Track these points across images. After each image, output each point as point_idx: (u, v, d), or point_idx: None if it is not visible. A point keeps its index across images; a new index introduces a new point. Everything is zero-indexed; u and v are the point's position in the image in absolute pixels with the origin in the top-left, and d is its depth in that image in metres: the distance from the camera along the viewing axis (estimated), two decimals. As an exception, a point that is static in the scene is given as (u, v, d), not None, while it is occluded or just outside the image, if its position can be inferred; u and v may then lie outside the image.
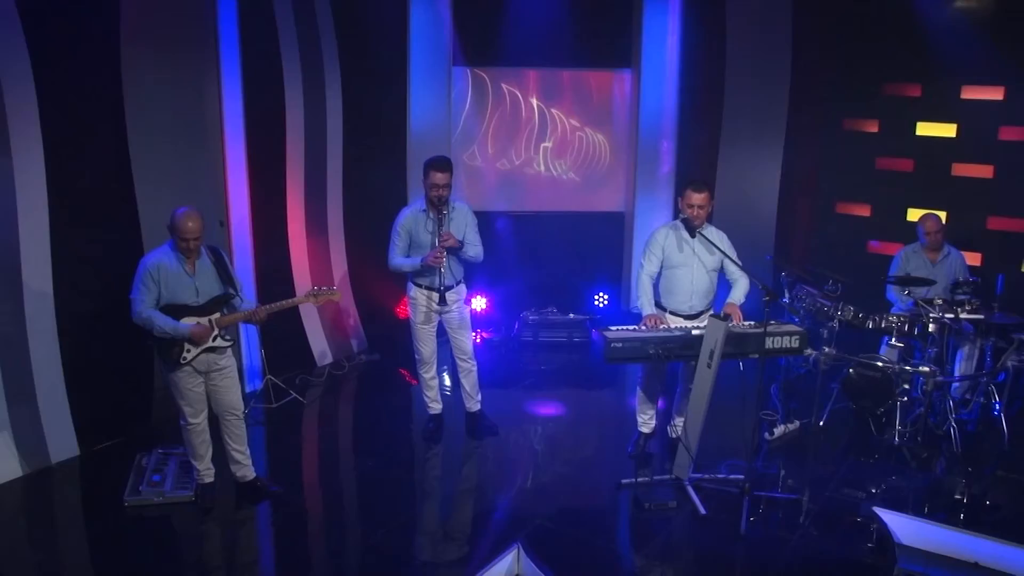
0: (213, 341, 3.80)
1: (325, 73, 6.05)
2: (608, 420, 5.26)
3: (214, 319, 3.79)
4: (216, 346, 3.83)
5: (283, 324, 5.58)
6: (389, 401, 5.58)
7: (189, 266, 3.73)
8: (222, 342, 3.85)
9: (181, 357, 3.75)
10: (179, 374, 3.80)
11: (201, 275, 3.78)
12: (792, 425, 4.99)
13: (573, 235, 7.20)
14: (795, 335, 4.07)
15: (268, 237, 5.66)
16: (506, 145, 7.19)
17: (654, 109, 7.08)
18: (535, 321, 6.74)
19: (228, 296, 3.85)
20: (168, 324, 3.67)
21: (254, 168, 5.42)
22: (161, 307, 3.70)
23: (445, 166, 4.32)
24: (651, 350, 3.95)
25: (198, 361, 3.81)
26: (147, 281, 3.65)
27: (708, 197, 4.21)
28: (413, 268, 4.42)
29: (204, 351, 3.80)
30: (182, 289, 3.72)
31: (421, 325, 4.61)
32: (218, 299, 3.82)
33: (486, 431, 4.89)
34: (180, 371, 3.81)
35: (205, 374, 3.87)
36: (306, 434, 5.21)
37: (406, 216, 4.43)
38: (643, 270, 4.36)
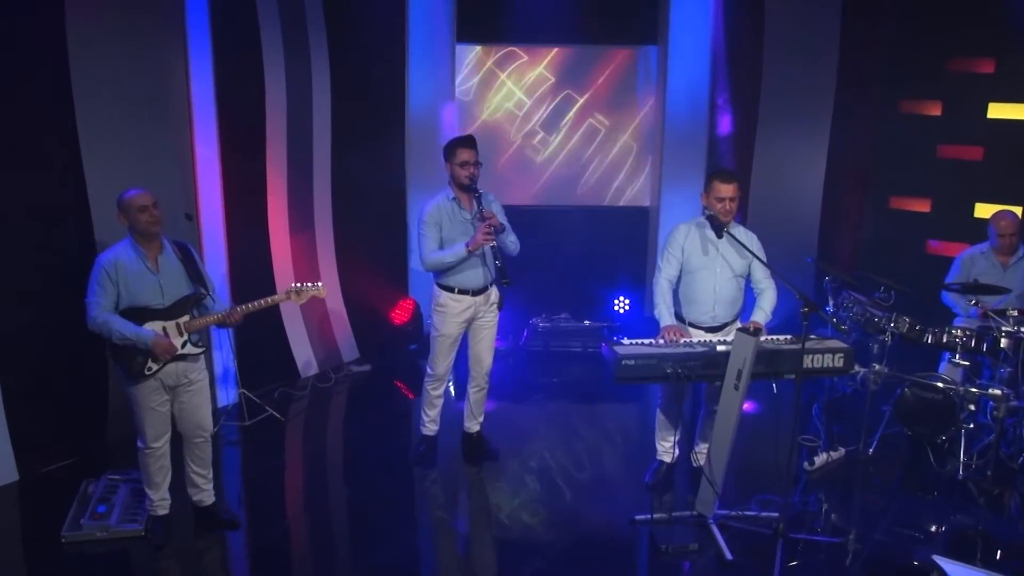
0: (183, 348, 3.63)
1: (311, 47, 5.88)
2: (625, 443, 5.11)
3: (182, 323, 3.63)
4: (187, 354, 3.66)
5: (262, 330, 5.47)
6: (380, 419, 5.44)
7: (152, 262, 3.57)
8: (192, 349, 3.67)
9: (146, 368, 3.57)
10: (142, 388, 3.61)
11: (166, 272, 3.62)
12: (836, 453, 4.77)
13: (591, 232, 7.09)
14: (839, 353, 3.78)
15: (245, 232, 5.52)
16: (518, 132, 7.14)
17: (683, 90, 6.95)
18: (546, 329, 6.65)
19: (198, 296, 3.69)
20: (128, 329, 3.49)
21: (228, 154, 5.27)
22: (122, 311, 3.53)
23: (472, 143, 4.26)
24: (668, 369, 3.69)
25: (166, 373, 3.63)
26: (103, 281, 3.49)
27: (738, 188, 4.00)
28: (457, 258, 4.22)
29: (172, 360, 3.63)
30: (144, 289, 3.56)
31: (446, 337, 4.45)
32: (186, 300, 3.66)
33: (485, 455, 4.75)
34: (144, 385, 3.61)
35: (173, 389, 3.70)
36: (282, 457, 5.02)
37: (434, 207, 4.28)
38: (660, 273, 4.17)
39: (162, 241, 3.64)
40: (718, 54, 6.79)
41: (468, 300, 4.40)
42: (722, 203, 3.98)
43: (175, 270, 3.66)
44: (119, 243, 3.62)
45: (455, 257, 4.25)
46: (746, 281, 4.20)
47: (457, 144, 4.26)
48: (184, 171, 5.00)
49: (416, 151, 6.71)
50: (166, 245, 3.66)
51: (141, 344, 3.52)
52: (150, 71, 4.74)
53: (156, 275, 3.59)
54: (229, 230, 5.36)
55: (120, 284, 3.51)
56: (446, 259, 4.27)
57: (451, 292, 4.39)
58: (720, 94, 6.88)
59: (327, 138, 6.13)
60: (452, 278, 4.36)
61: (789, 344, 3.82)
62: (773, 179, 6.81)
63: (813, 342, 3.81)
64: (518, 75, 7.06)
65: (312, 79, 5.92)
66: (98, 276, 3.51)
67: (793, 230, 6.53)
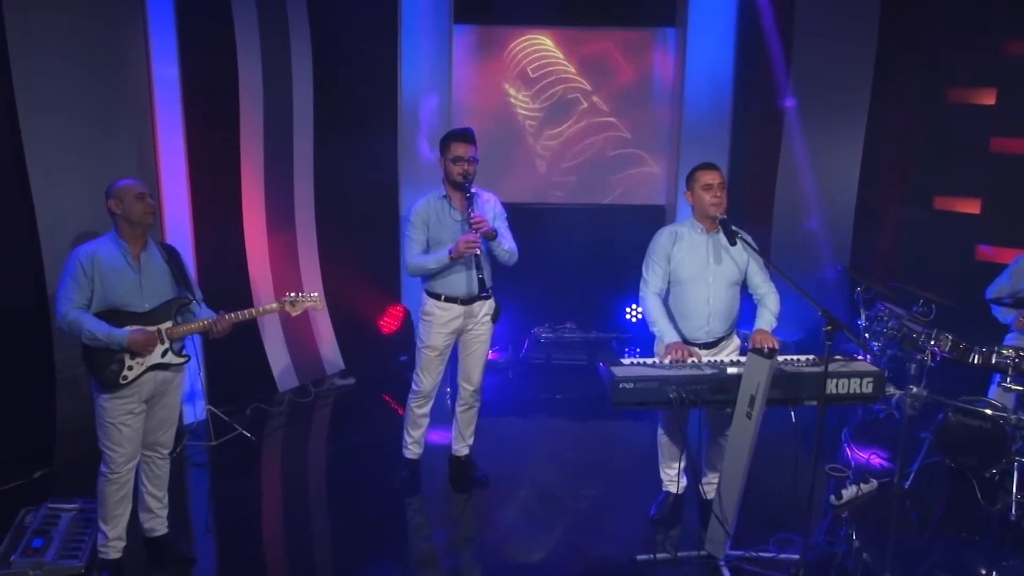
0: (163, 356, 3.56)
1: (290, 26, 5.79)
2: (632, 469, 4.94)
3: (164, 329, 3.56)
4: (168, 363, 3.59)
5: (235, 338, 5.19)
6: (363, 438, 5.35)
7: (134, 259, 3.52)
8: (175, 358, 3.61)
9: (121, 376, 3.47)
10: (114, 400, 3.50)
11: (149, 272, 3.55)
12: (867, 486, 4.63)
13: (599, 233, 7.04)
14: (868, 377, 3.60)
15: (215, 234, 5.45)
16: (519, 121, 7.07)
17: (703, 77, 6.86)
18: (548, 340, 6.60)
19: (183, 301, 3.64)
20: (100, 329, 3.41)
21: (195, 145, 5.19)
22: (97, 313, 3.47)
23: (469, 137, 4.19)
24: (672, 393, 3.55)
25: (143, 383, 3.54)
26: (78, 276, 3.43)
27: (724, 177, 3.93)
28: (440, 264, 4.17)
29: (152, 369, 3.54)
30: (123, 289, 3.49)
31: (432, 349, 4.38)
32: (170, 304, 3.60)
33: (473, 481, 4.67)
34: (117, 395, 3.51)
35: (149, 401, 3.61)
36: (249, 481, 4.88)
37: (421, 206, 4.25)
38: (646, 287, 4.04)
39: (148, 239, 3.59)
40: (743, 37, 6.73)
41: (457, 309, 4.33)
42: (710, 191, 3.86)
43: (159, 271, 3.60)
44: (101, 236, 3.57)
45: (438, 264, 4.19)
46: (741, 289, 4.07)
47: (451, 138, 4.19)
48: (144, 164, 4.89)
49: (409, 143, 6.64)
50: (151, 244, 3.61)
51: (115, 345, 3.43)
52: (103, 48, 4.62)
53: (137, 274, 3.52)
54: (197, 231, 5.27)
55: (96, 281, 3.44)
56: (428, 265, 4.21)
57: (438, 299, 4.33)
58: (744, 82, 6.82)
59: (309, 128, 6.05)
60: (439, 284, 4.30)
61: (810, 366, 3.67)
62: (802, 177, 6.74)
63: (838, 364, 3.65)
64: (522, 60, 7.01)
65: (292, 62, 5.83)
66: (72, 270, 3.44)
67: (824, 234, 6.49)
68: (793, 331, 6.39)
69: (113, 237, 3.54)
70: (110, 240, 3.54)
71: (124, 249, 3.52)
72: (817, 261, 6.46)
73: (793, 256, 6.59)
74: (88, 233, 3.89)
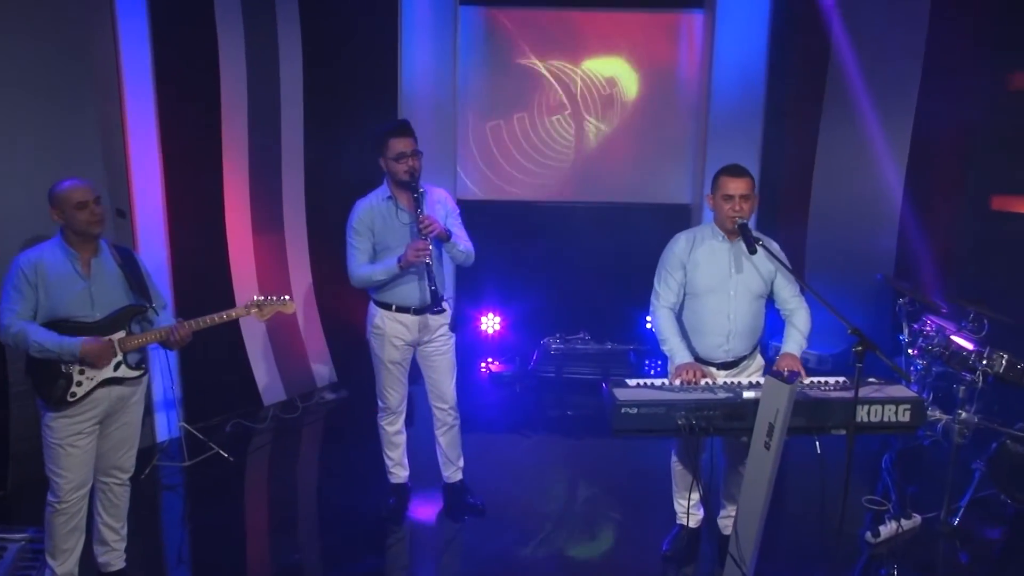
0: (116, 370, 3.50)
1: (276, 3, 5.75)
2: (645, 498, 4.86)
3: (117, 340, 3.51)
4: (121, 377, 3.53)
5: (216, 347, 5.35)
6: (352, 459, 5.31)
7: (83, 266, 3.47)
8: (128, 371, 3.55)
9: (69, 393, 3.42)
10: (61, 419, 3.45)
11: (100, 280, 3.50)
12: (909, 522, 4.46)
13: (617, 235, 7.04)
14: (905, 403, 3.44)
15: (194, 233, 5.43)
16: (530, 112, 7.11)
17: (733, 64, 6.82)
18: (559, 351, 6.58)
19: (137, 309, 3.58)
20: (49, 339, 3.37)
21: (170, 135, 5.17)
22: (45, 324, 3.43)
23: (407, 129, 4.15)
24: (681, 420, 3.42)
25: (96, 400, 3.48)
26: (21, 285, 3.39)
27: (751, 184, 3.76)
28: (389, 275, 4.13)
29: (103, 385, 3.48)
30: (71, 298, 3.44)
31: (391, 364, 4.36)
32: (123, 313, 3.54)
33: (468, 509, 4.60)
34: (65, 414, 3.45)
35: (103, 421, 3.56)
36: (223, 507, 4.82)
37: (364, 210, 4.18)
38: (657, 300, 3.94)
39: (99, 242, 3.53)
40: (777, 20, 6.71)
41: (409, 319, 4.27)
42: (730, 202, 3.71)
43: (111, 278, 3.55)
44: (46, 241, 3.54)
45: (386, 274, 4.13)
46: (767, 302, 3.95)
47: (387, 134, 4.09)
48: (112, 156, 4.84)
49: None
50: (103, 247, 3.56)
51: (68, 356, 3.38)
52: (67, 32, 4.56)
53: (86, 281, 3.47)
54: (172, 230, 5.25)
55: (41, 289, 3.40)
56: (376, 276, 4.15)
57: (388, 309, 4.27)
58: (779, 69, 6.77)
59: (298, 118, 6.02)
60: (388, 293, 4.25)
61: (839, 390, 3.52)
62: (841, 174, 6.68)
63: (870, 388, 3.51)
64: (533, 45, 6.99)
65: (279, 44, 5.80)
66: (14, 279, 3.41)
67: (864, 238, 6.47)
68: (830, 344, 6.31)
69: (59, 242, 3.49)
70: (56, 245, 3.48)
71: (71, 255, 3.46)
72: (857, 267, 6.35)
73: (830, 262, 6.57)
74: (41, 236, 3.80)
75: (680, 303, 3.93)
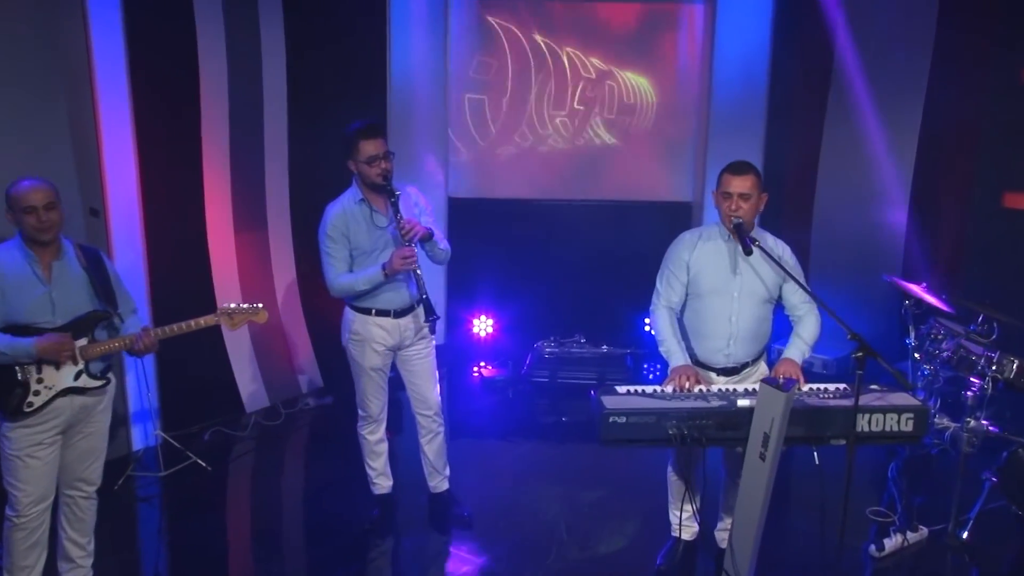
0: (76, 380, 3.45)
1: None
2: (641, 508, 4.82)
3: (79, 348, 3.45)
4: (83, 387, 3.47)
5: (196, 351, 5.28)
6: (336, 468, 5.26)
7: (44, 269, 3.41)
8: (90, 381, 3.49)
9: (26, 403, 3.36)
10: (20, 430, 3.40)
11: (62, 284, 3.43)
12: (916, 535, 4.43)
13: (615, 234, 7.04)
14: (908, 412, 3.41)
15: (172, 232, 5.38)
16: (524, 105, 7.07)
17: (735, 57, 6.85)
18: (553, 355, 6.57)
19: (101, 315, 3.52)
20: (2, 341, 3.31)
21: (146, 132, 5.11)
22: (2, 330, 3.37)
23: (377, 130, 4.12)
24: (671, 429, 3.40)
25: (58, 410, 3.43)
26: None
27: (755, 183, 3.71)
28: (373, 284, 4.10)
29: (63, 394, 3.43)
30: (29, 302, 3.38)
31: (373, 370, 4.34)
32: (86, 319, 3.48)
33: (455, 521, 4.58)
34: (23, 424, 3.39)
35: (66, 432, 3.50)
36: (199, 520, 4.75)
37: (337, 216, 4.13)
38: (659, 299, 3.92)
39: (62, 244, 3.48)
40: (781, 11, 6.71)
41: (390, 324, 4.25)
42: (728, 200, 3.68)
43: (75, 281, 3.48)
44: (6, 242, 3.48)
45: (370, 283, 4.11)
46: (776, 306, 3.91)
47: (357, 136, 4.04)
48: (84, 151, 4.78)
49: (400, 128, 6.58)
50: (67, 249, 3.49)
51: (24, 357, 3.33)
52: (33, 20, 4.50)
53: (47, 286, 3.41)
54: (149, 229, 5.19)
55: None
56: (359, 285, 4.13)
57: (367, 315, 4.24)
58: (782, 63, 6.75)
59: (282, 111, 5.97)
60: (368, 297, 4.22)
61: (839, 398, 3.49)
62: (846, 170, 6.66)
63: (872, 396, 3.47)
64: (530, 38, 6.97)
65: (261, 36, 5.74)
66: None
67: (870, 237, 6.44)
68: (836, 347, 6.30)
69: (19, 243, 3.42)
70: (15, 247, 3.42)
71: (31, 258, 3.39)
72: (863, 268, 6.34)
73: (835, 262, 6.56)
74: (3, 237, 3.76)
75: (683, 304, 3.89)
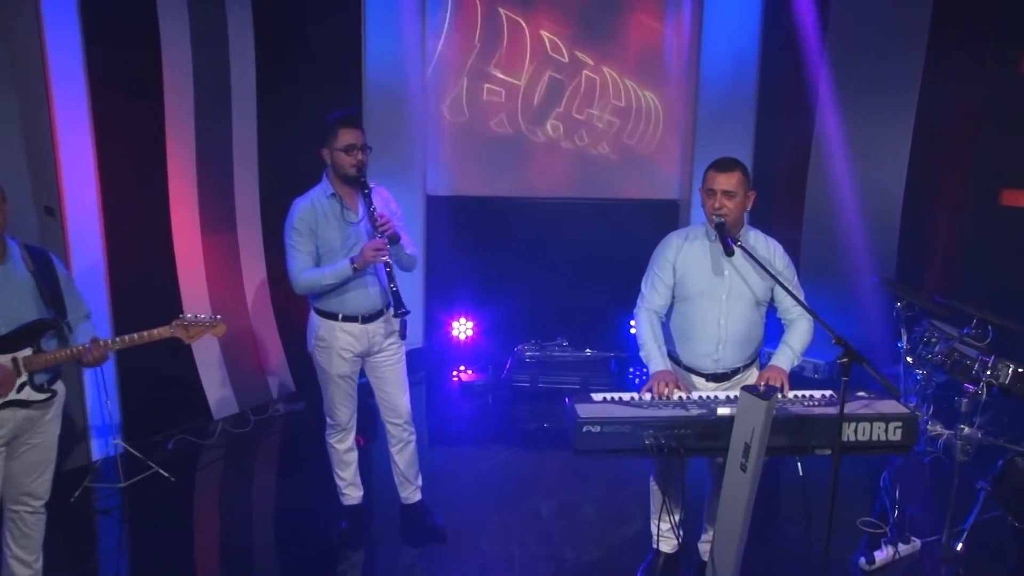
0: (19, 392, 3.39)
1: None
2: (624, 518, 4.83)
3: (23, 358, 3.38)
4: (26, 400, 3.41)
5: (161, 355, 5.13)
6: (305, 477, 5.24)
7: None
8: (33, 394, 3.43)
9: None
10: None
11: (6, 289, 3.36)
12: (908, 547, 4.40)
13: (599, 232, 7.00)
14: (896, 421, 3.34)
15: (135, 233, 5.33)
16: (507, 101, 7.05)
17: (723, 49, 6.86)
18: (534, 359, 6.60)
19: (47, 323, 3.46)
20: None
21: (105, 125, 5.05)
22: None
23: (355, 120, 4.12)
24: (648, 439, 3.32)
25: None
26: None
27: (741, 180, 3.66)
28: (339, 279, 4.05)
29: (6, 406, 3.37)
30: None
31: (340, 378, 4.30)
32: (30, 329, 3.41)
33: (428, 533, 4.55)
34: None
35: (9, 443, 3.45)
36: (160, 533, 4.67)
37: (306, 208, 4.09)
38: (642, 301, 3.87)
39: (7, 244, 3.40)
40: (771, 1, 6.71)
41: (358, 329, 4.20)
42: (711, 198, 3.65)
43: (20, 286, 3.40)
44: None
45: (336, 277, 4.04)
46: (769, 309, 3.86)
47: (338, 123, 4.05)
48: (37, 148, 4.72)
49: (376, 124, 6.49)
50: (13, 251, 3.42)
51: None
52: None
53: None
54: (109, 230, 5.13)
55: None
56: (325, 280, 4.07)
57: (334, 320, 4.18)
58: (772, 54, 6.74)
59: (251, 105, 5.94)
60: (335, 301, 4.16)
61: (824, 406, 3.43)
62: (839, 166, 6.61)
63: (858, 403, 3.42)
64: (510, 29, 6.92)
65: (228, 24, 5.69)
66: None
67: (864, 236, 6.38)
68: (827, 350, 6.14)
69: None
70: None
71: None
72: (856, 267, 6.33)
73: (827, 261, 6.55)
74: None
75: (669, 308, 3.85)
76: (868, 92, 6.49)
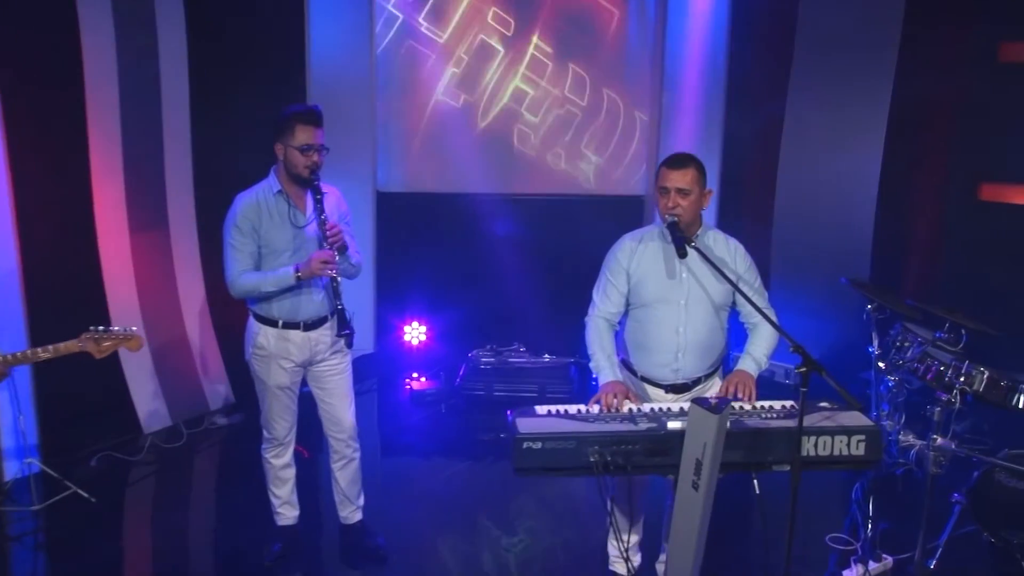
0: None
1: None
2: (578, 538, 4.82)
3: None
4: None
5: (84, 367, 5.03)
6: (239, 497, 5.16)
7: None
8: None
9: None
10: None
11: None
12: (878, 565, 4.38)
13: (559, 231, 7.05)
14: (859, 434, 3.28)
15: (54, 233, 5.22)
16: (461, 92, 7.06)
17: (690, 36, 6.88)
18: (490, 365, 6.52)
19: None
20: None
21: (17, 115, 4.93)
22: None
23: (318, 118, 4.03)
24: (593, 456, 3.23)
25: None
26: None
27: (695, 177, 3.59)
28: (281, 286, 3.97)
29: None
30: None
31: (279, 389, 4.22)
32: None
33: (368, 553, 4.50)
34: None
35: None
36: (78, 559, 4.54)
37: (249, 205, 4.00)
38: (593, 309, 3.80)
39: None
40: None
41: (300, 337, 4.11)
42: (665, 196, 3.58)
43: None
44: None
45: (278, 285, 3.96)
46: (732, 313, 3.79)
47: (296, 119, 3.96)
48: None
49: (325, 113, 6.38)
50: None
51: None
52: None
53: None
54: (23, 230, 4.99)
55: None
56: (265, 286, 3.98)
57: (274, 327, 4.09)
58: (742, 40, 6.73)
59: (183, 97, 5.82)
60: (275, 306, 4.07)
61: (782, 418, 3.35)
62: (810, 159, 6.63)
63: (820, 415, 3.36)
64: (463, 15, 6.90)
65: (156, 17, 5.58)
66: None
67: (837, 234, 6.35)
68: None
69: None
70: None
71: None
72: (828, 267, 6.25)
73: (799, 261, 6.53)
74: None
75: (623, 316, 3.78)
76: (841, 79, 6.49)
